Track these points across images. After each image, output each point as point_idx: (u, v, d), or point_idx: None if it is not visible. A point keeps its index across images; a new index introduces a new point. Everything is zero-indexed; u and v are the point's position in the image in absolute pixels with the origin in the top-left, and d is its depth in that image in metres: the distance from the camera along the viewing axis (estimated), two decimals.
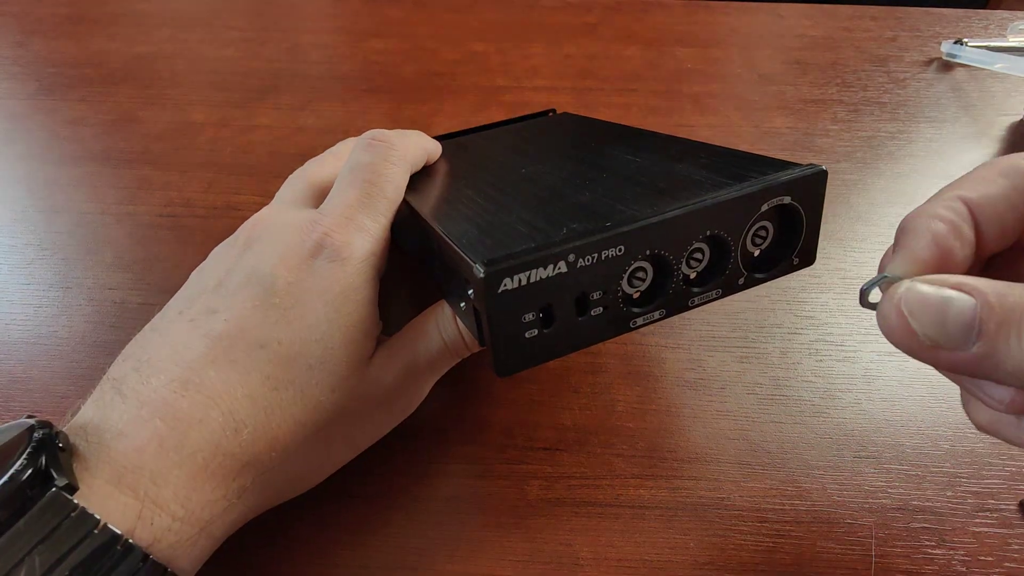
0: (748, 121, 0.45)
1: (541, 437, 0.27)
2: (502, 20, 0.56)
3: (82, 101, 0.46)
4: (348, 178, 0.24)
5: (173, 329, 0.22)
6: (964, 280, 0.15)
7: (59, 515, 0.16)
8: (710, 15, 0.57)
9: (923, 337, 0.15)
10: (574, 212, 0.20)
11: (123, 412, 0.19)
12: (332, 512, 0.25)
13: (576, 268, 0.18)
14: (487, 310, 0.17)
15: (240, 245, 0.24)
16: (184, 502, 0.19)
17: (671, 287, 0.20)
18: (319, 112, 0.46)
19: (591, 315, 0.19)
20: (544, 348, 0.19)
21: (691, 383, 0.29)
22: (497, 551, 0.24)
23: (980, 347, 0.14)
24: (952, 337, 0.14)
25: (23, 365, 0.30)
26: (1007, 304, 0.14)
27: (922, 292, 0.15)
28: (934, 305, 0.15)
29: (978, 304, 0.14)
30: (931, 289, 0.15)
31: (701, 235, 0.19)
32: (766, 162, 0.21)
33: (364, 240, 0.23)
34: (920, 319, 0.15)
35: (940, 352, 0.15)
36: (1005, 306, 0.14)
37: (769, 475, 0.26)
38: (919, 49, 0.52)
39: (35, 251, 0.35)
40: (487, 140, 0.34)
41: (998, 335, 0.14)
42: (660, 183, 0.21)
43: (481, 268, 0.17)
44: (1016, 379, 0.14)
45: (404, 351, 0.24)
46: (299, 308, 0.21)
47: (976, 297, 0.14)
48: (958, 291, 0.14)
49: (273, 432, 0.21)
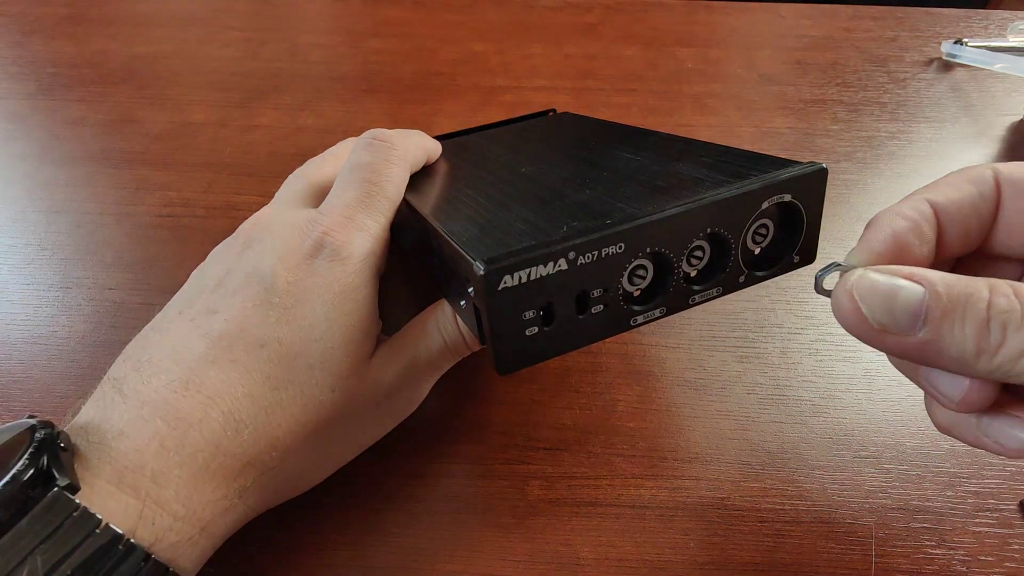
0: (748, 121, 0.45)
1: (541, 437, 0.27)
2: (502, 20, 0.56)
3: (81, 101, 0.46)
4: (348, 177, 0.24)
5: (173, 329, 0.22)
6: (916, 270, 0.16)
7: (61, 515, 0.16)
8: (710, 15, 0.57)
9: (872, 322, 0.16)
10: (574, 210, 0.20)
11: (124, 412, 0.19)
12: (332, 512, 0.25)
13: (576, 266, 0.18)
14: (487, 308, 0.17)
15: (240, 245, 0.24)
16: (185, 502, 0.19)
17: (671, 285, 0.20)
18: (319, 112, 0.46)
19: (591, 313, 0.19)
20: (544, 346, 0.19)
21: (691, 383, 0.29)
22: (497, 551, 0.24)
23: (925, 333, 0.15)
24: (899, 323, 0.15)
25: (23, 365, 0.30)
26: (953, 294, 0.15)
27: (874, 280, 0.16)
28: (884, 292, 0.15)
29: (927, 293, 0.15)
30: (883, 277, 0.16)
31: (701, 233, 0.19)
32: (766, 160, 0.21)
33: (364, 239, 0.23)
34: (870, 305, 0.16)
35: (888, 337, 0.16)
36: (951, 296, 0.15)
37: (769, 475, 0.26)
38: (919, 49, 0.52)
39: (35, 251, 0.35)
40: (487, 140, 0.34)
41: (943, 322, 0.15)
42: (660, 181, 0.21)
43: (481, 266, 0.17)
44: (958, 366, 0.15)
45: (404, 350, 0.24)
46: (299, 308, 0.21)
47: (925, 286, 0.15)
48: (909, 280, 0.15)
49: (274, 432, 0.21)
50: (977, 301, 0.15)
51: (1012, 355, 0.14)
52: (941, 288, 0.15)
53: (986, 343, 0.15)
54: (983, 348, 0.15)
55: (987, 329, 0.14)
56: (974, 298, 0.15)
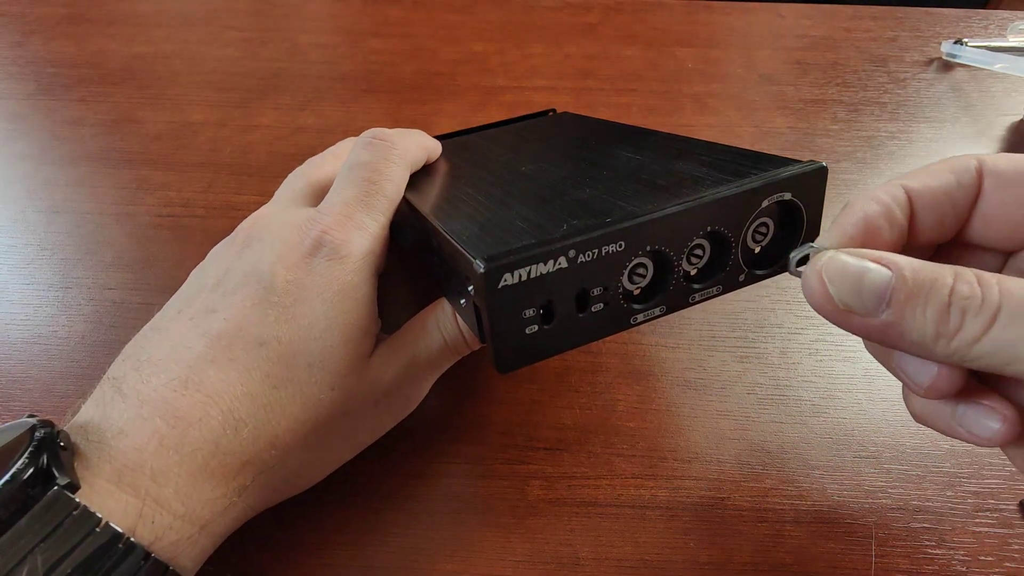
0: (748, 121, 0.45)
1: (541, 437, 0.27)
2: (502, 20, 0.56)
3: (81, 101, 0.46)
4: (347, 176, 0.24)
5: (173, 328, 0.22)
6: (885, 255, 0.16)
7: (61, 514, 0.16)
8: (710, 15, 0.57)
9: (839, 302, 0.16)
10: (574, 208, 0.20)
11: (123, 411, 0.19)
12: (332, 512, 0.25)
13: (576, 264, 0.18)
14: (487, 305, 0.17)
15: (239, 244, 0.24)
16: (185, 500, 0.19)
17: (672, 283, 0.20)
18: (319, 112, 0.46)
19: (591, 311, 0.19)
20: (544, 344, 0.19)
21: (691, 383, 0.29)
22: (497, 551, 0.24)
23: (888, 315, 0.16)
24: (864, 304, 0.16)
25: (23, 365, 0.30)
26: (919, 279, 0.15)
27: (843, 261, 0.16)
28: (852, 274, 0.16)
29: (893, 276, 0.15)
30: (852, 260, 0.16)
31: (701, 231, 0.19)
32: (766, 159, 0.21)
33: (363, 238, 0.23)
34: (838, 285, 0.16)
35: (853, 317, 0.16)
36: (916, 280, 0.15)
37: (769, 475, 0.26)
38: (919, 49, 0.52)
39: (34, 251, 0.35)
40: (487, 139, 0.34)
41: (906, 305, 0.15)
42: (660, 180, 0.21)
43: (481, 263, 0.17)
44: (919, 349, 0.16)
45: (404, 349, 0.24)
46: (298, 306, 0.21)
47: (893, 270, 0.15)
48: (877, 263, 0.16)
49: (273, 430, 0.21)
50: (941, 287, 0.15)
51: (968, 340, 0.15)
52: (907, 272, 0.15)
53: (945, 327, 0.15)
54: (942, 332, 0.15)
55: (947, 314, 0.15)
56: (938, 284, 0.15)
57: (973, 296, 0.15)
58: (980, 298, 0.15)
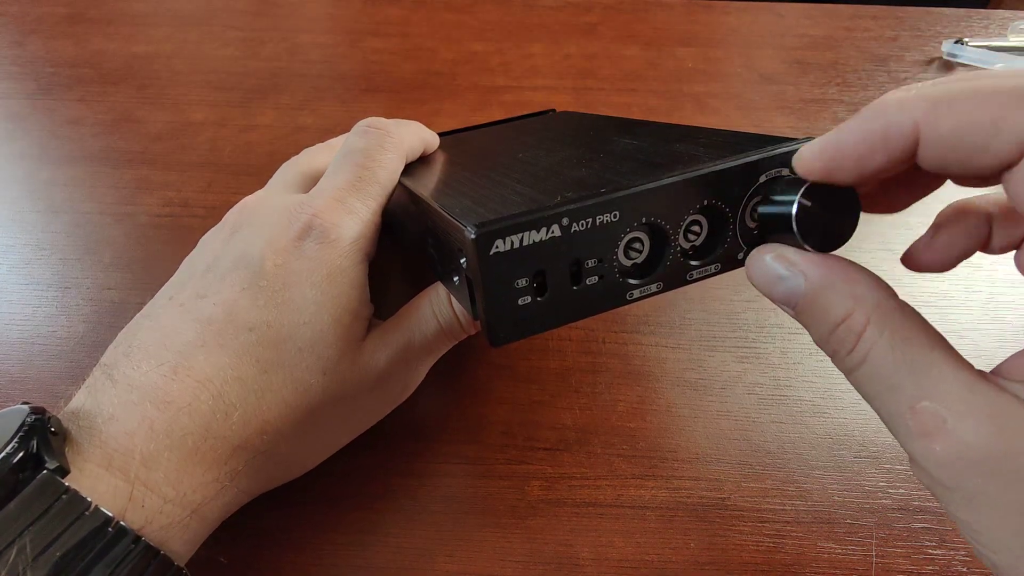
0: (748, 121, 0.45)
1: (542, 437, 0.27)
2: (502, 20, 0.56)
3: (80, 101, 0.46)
4: (340, 162, 0.24)
5: (163, 314, 0.22)
6: (799, 261, 0.17)
7: (50, 497, 0.16)
8: (710, 15, 0.57)
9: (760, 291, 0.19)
10: (569, 184, 0.19)
11: (114, 397, 0.20)
12: (332, 512, 0.25)
13: (570, 233, 0.17)
14: (479, 273, 0.17)
15: (228, 230, 0.24)
16: (175, 484, 0.19)
17: (669, 259, 0.19)
18: (318, 112, 0.46)
19: (586, 284, 0.18)
20: (538, 317, 0.18)
21: (691, 383, 0.29)
22: (497, 551, 0.24)
23: (796, 314, 0.18)
24: (778, 302, 0.18)
25: (21, 365, 0.30)
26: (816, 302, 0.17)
27: (764, 262, 0.18)
28: (768, 276, 0.18)
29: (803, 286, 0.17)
30: (771, 263, 0.18)
31: (698, 204, 0.19)
32: (765, 138, 0.21)
33: (353, 222, 0.22)
34: (757, 282, 0.18)
35: None
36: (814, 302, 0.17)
37: (769, 475, 0.26)
38: (920, 49, 0.52)
39: (33, 251, 0.35)
40: (486, 135, 0.34)
41: (803, 315, 0.17)
42: (658, 159, 0.21)
43: (472, 230, 0.16)
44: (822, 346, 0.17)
45: (398, 334, 0.23)
46: (287, 291, 0.21)
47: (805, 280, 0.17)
48: (793, 270, 0.17)
49: (264, 415, 0.21)
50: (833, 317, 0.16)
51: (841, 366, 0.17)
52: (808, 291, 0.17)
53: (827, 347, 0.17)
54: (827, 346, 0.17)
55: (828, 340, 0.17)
56: (830, 314, 0.16)
57: (847, 340, 0.16)
58: (850, 348, 0.16)
